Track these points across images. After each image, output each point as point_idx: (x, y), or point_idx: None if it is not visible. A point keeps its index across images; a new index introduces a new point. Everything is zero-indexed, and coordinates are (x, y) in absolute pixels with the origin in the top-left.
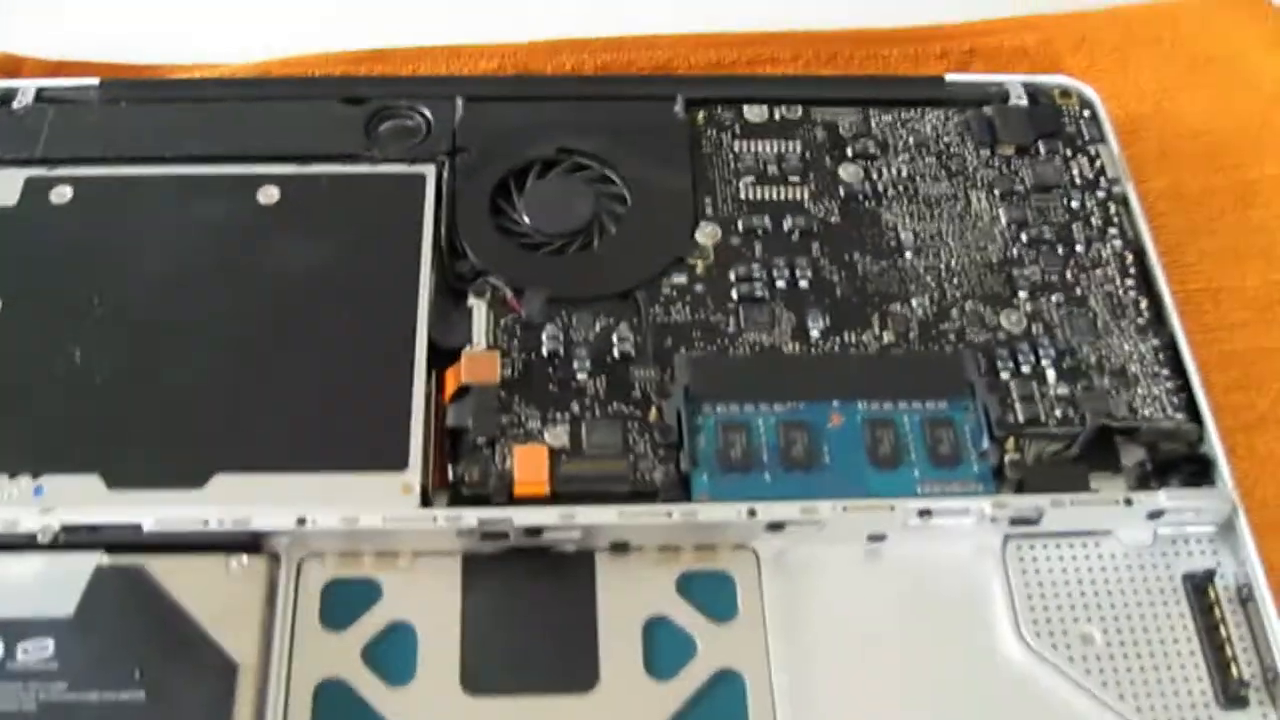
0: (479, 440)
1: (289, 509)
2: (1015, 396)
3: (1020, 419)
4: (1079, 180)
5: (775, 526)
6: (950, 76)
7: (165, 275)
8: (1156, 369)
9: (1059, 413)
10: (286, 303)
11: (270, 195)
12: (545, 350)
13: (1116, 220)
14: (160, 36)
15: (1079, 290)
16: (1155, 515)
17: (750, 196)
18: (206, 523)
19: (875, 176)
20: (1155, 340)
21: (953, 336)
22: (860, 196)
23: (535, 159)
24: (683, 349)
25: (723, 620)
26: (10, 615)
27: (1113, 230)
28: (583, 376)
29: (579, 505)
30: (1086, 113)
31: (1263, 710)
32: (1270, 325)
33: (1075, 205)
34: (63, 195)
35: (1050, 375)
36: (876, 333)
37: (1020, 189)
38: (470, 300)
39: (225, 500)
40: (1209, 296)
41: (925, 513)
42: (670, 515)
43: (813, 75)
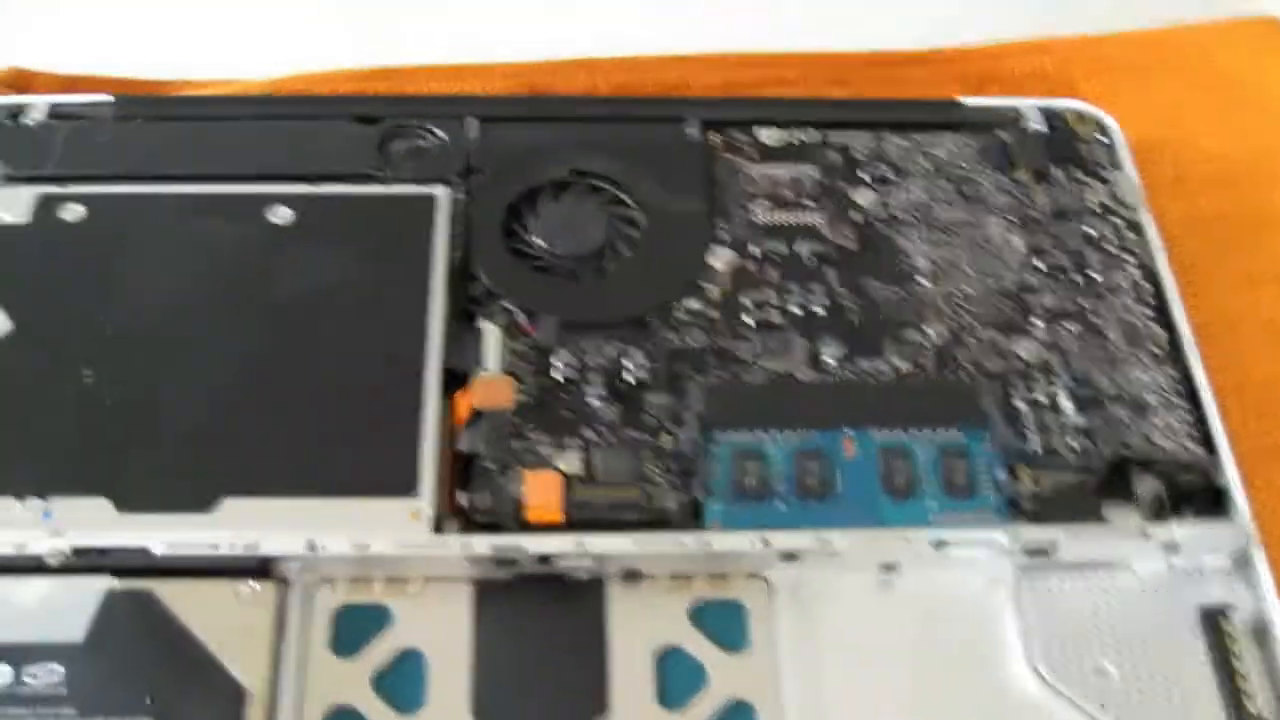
0: (491, 466)
1: (299, 534)
2: (1030, 426)
3: (1035, 449)
4: (1095, 206)
5: (789, 556)
6: (966, 100)
7: (176, 295)
8: (1173, 399)
9: (1074, 443)
10: (297, 324)
11: (282, 215)
12: (558, 375)
13: (1132, 247)
14: (173, 51)
15: (1095, 318)
16: (1171, 548)
17: (765, 221)
18: (216, 547)
19: (890, 201)
20: (1171, 370)
21: (968, 365)
22: (875, 221)
23: (549, 181)
24: (696, 375)
25: (735, 650)
26: (19, 640)
27: (1129, 257)
28: (596, 402)
29: (591, 533)
30: (1103, 138)
31: None
32: None
33: (1091, 232)
34: (75, 213)
35: (1066, 405)
36: (892, 360)
37: (1036, 215)
38: (482, 323)
39: (235, 524)
40: (1225, 324)
41: (940, 543)
42: (684, 544)
43: (828, 98)
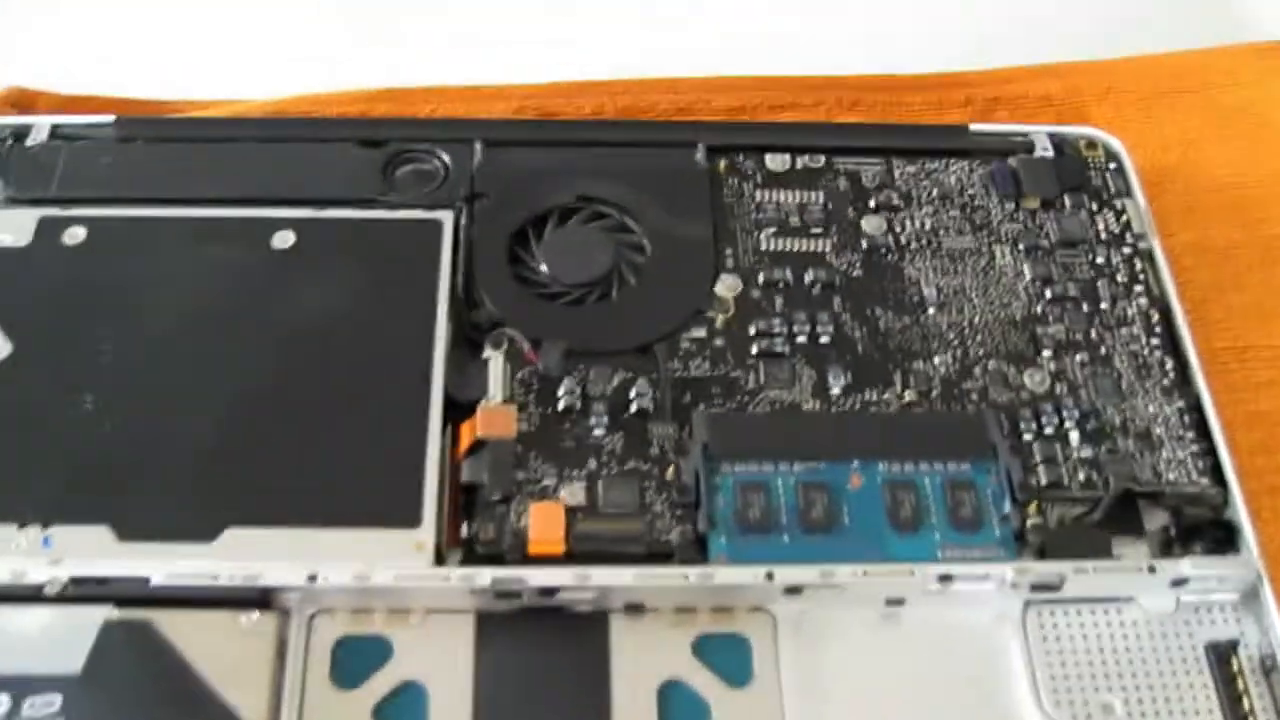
0: (494, 497)
1: (300, 565)
2: (1038, 459)
3: (1043, 482)
4: (1104, 235)
5: (793, 590)
6: (974, 126)
7: (178, 321)
8: (1181, 431)
9: (1082, 476)
10: (300, 351)
11: (285, 240)
12: (562, 404)
13: (1142, 277)
14: (176, 71)
15: (1104, 349)
16: (1179, 583)
17: (771, 248)
18: (217, 577)
19: (898, 229)
20: (1180, 401)
21: (975, 396)
22: (883, 249)
23: (555, 206)
24: (701, 405)
25: (738, 684)
26: (17, 671)
27: (1138, 287)
28: (600, 432)
29: (594, 565)
30: (1112, 165)
31: None
32: None
33: (1100, 261)
34: (76, 236)
35: (1074, 437)
36: (898, 390)
37: (1045, 243)
38: (487, 351)
39: (236, 555)
40: (1234, 355)
41: (945, 578)
42: (687, 578)
43: (835, 123)
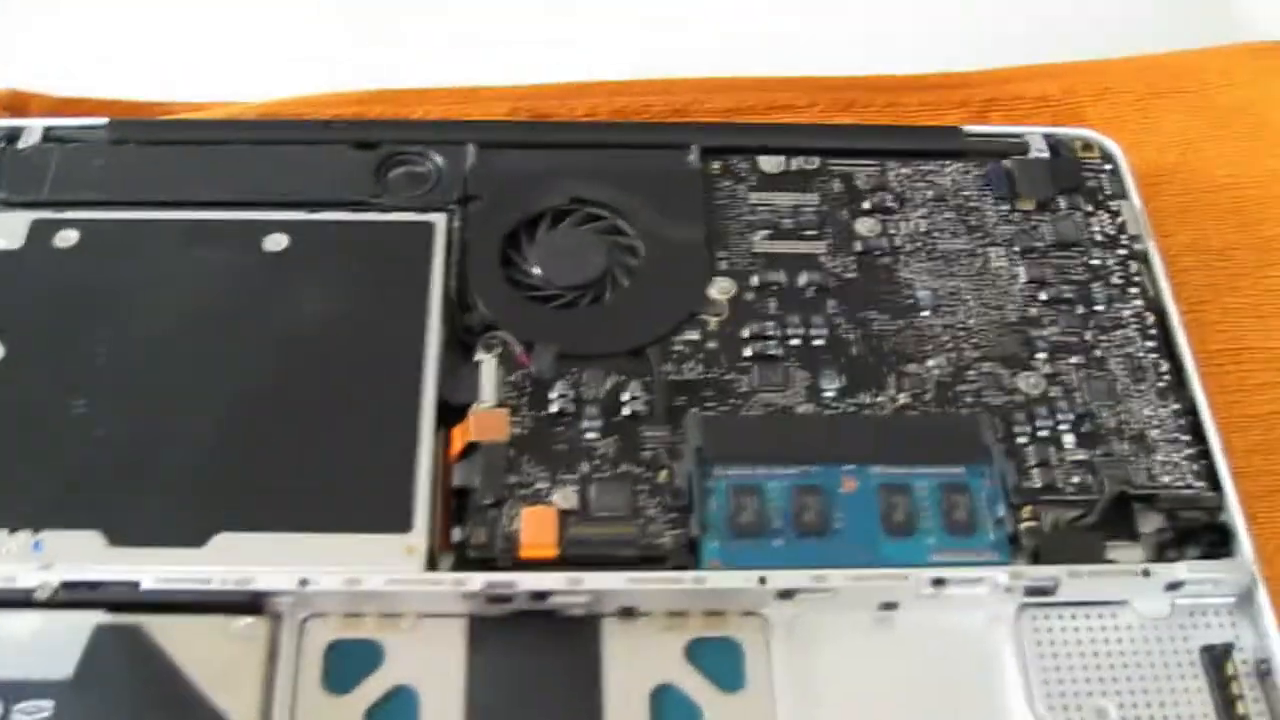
0: (486, 501)
1: (291, 570)
2: (1032, 462)
3: (1037, 485)
4: (1100, 237)
5: (786, 594)
6: (969, 128)
7: (170, 324)
8: (1176, 434)
9: (1076, 479)
10: (291, 355)
11: (278, 242)
12: (554, 408)
13: (1137, 279)
14: (171, 72)
15: (1099, 352)
16: (1173, 587)
17: (765, 250)
18: (208, 582)
19: (892, 231)
20: (1176, 404)
21: (969, 399)
22: (877, 252)
23: (547, 209)
24: (695, 408)
25: (731, 689)
26: (8, 676)
27: (1133, 289)
28: (592, 435)
29: (586, 570)
30: (1108, 166)
31: None
32: None
33: (1095, 263)
34: (68, 239)
35: (1068, 440)
36: (892, 394)
37: (1040, 245)
38: (479, 355)
39: (227, 560)
40: (1230, 357)
41: (939, 582)
42: (680, 582)
43: (829, 125)
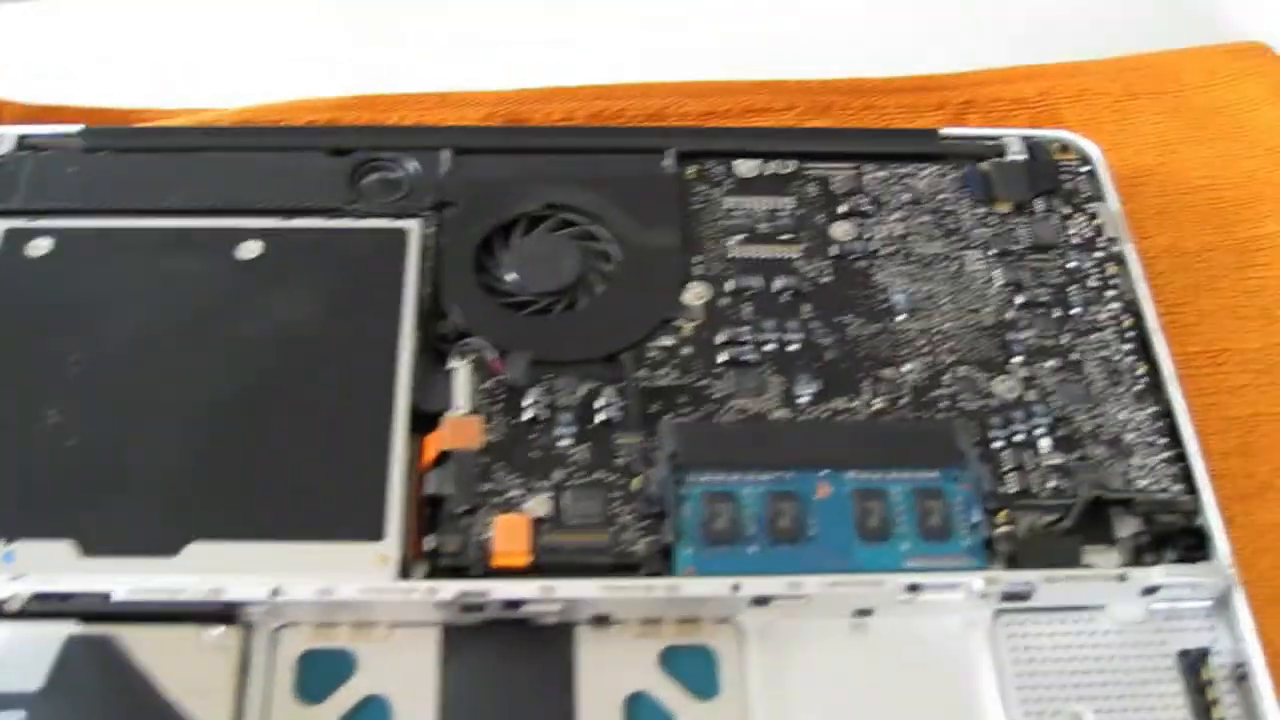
0: (459, 509)
1: (263, 579)
2: (1008, 466)
3: (1012, 490)
4: (1077, 239)
5: (760, 601)
6: (945, 130)
7: (143, 333)
8: (1153, 438)
9: (1052, 484)
10: (265, 363)
11: (251, 250)
12: (528, 415)
13: (1115, 281)
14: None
15: (1075, 355)
16: (1150, 591)
17: (740, 255)
18: (180, 592)
19: (868, 235)
20: (1153, 407)
21: (945, 403)
22: (853, 256)
23: (522, 214)
24: (668, 415)
25: (705, 696)
26: None
27: (1110, 292)
28: (566, 443)
29: (559, 578)
30: (1086, 168)
31: None
32: (1270, 389)
33: (1072, 266)
34: (41, 248)
35: (1044, 444)
36: (868, 399)
37: (1016, 248)
38: (453, 362)
39: (199, 569)
40: (1209, 359)
41: (914, 588)
42: (653, 590)
43: (806, 128)
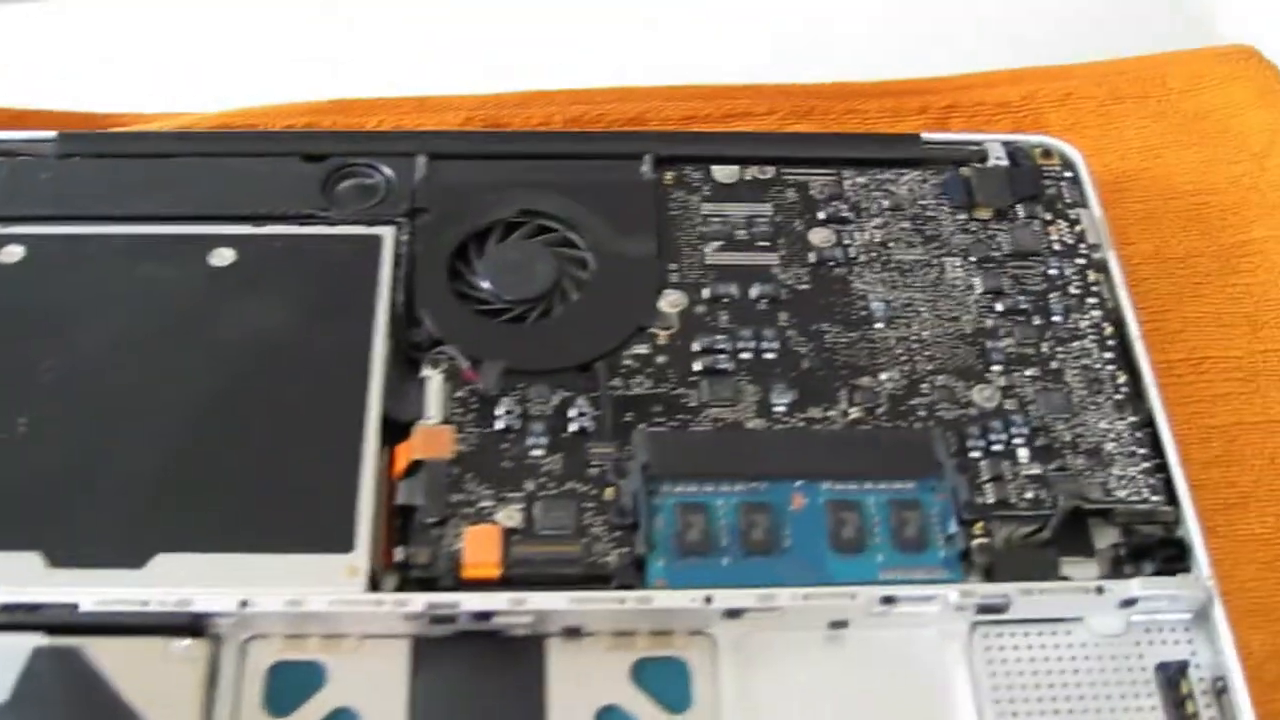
0: (429, 520)
1: (231, 591)
2: (985, 477)
3: (989, 501)
4: (1058, 246)
5: (733, 614)
6: (927, 135)
7: (114, 341)
8: (1133, 447)
9: (1030, 494)
10: (235, 372)
11: (224, 257)
12: (500, 424)
13: (1096, 289)
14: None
15: (1055, 364)
16: (1128, 603)
17: (718, 262)
18: (147, 604)
19: (847, 242)
20: (1133, 416)
21: (923, 412)
22: (831, 263)
23: (497, 221)
24: (643, 424)
25: (677, 709)
26: None
27: (1092, 299)
28: (538, 453)
29: (530, 589)
30: (1068, 173)
31: None
32: (1253, 398)
33: (1053, 273)
34: (13, 255)
35: (1022, 454)
36: (844, 408)
37: (997, 255)
38: (425, 370)
39: (167, 581)
40: (1191, 366)
41: (889, 600)
42: (624, 602)
43: (786, 133)
